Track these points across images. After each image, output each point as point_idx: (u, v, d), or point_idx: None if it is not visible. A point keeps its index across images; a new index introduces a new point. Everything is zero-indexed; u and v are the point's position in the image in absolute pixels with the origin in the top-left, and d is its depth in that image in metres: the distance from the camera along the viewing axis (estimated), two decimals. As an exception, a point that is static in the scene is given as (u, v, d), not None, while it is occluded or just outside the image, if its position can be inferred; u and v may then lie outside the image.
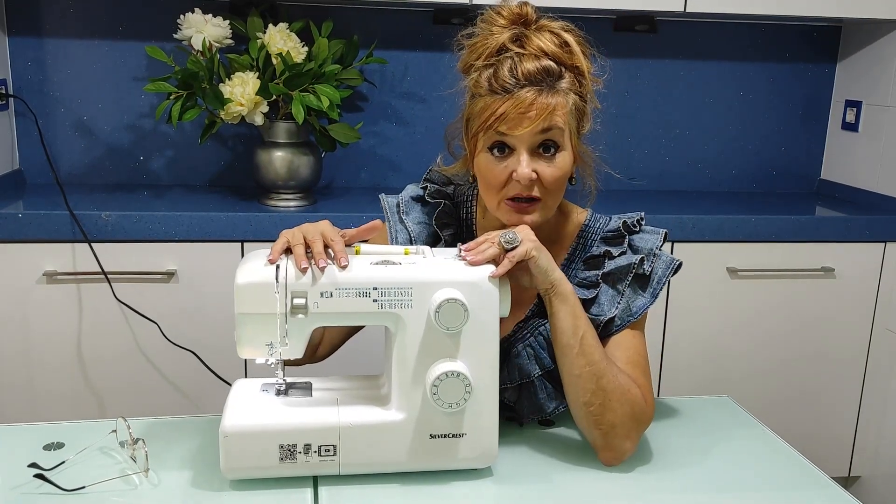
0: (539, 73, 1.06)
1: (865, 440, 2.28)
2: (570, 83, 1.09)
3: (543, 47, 1.07)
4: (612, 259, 1.15)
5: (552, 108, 1.06)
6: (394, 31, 2.28)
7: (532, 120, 1.05)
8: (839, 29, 2.46)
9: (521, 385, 1.16)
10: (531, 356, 1.15)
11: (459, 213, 1.24)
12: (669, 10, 2.09)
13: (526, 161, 1.07)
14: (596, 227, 1.20)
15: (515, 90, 1.05)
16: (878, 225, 2.16)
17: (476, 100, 1.10)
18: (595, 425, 1.06)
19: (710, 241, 2.09)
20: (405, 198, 1.24)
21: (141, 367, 1.94)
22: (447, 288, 0.99)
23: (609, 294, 1.14)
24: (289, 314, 0.98)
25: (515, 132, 1.06)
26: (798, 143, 2.53)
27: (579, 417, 1.08)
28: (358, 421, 1.00)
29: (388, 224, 1.23)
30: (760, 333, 2.17)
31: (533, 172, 1.07)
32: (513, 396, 1.17)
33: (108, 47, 2.19)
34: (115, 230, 1.86)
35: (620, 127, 2.42)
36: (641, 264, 1.14)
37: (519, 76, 1.06)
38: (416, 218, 1.22)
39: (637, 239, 1.17)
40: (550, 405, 1.15)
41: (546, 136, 1.07)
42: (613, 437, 1.06)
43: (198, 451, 1.07)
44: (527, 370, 1.14)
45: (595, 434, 1.07)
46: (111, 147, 2.25)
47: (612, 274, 1.15)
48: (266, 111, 1.96)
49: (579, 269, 1.18)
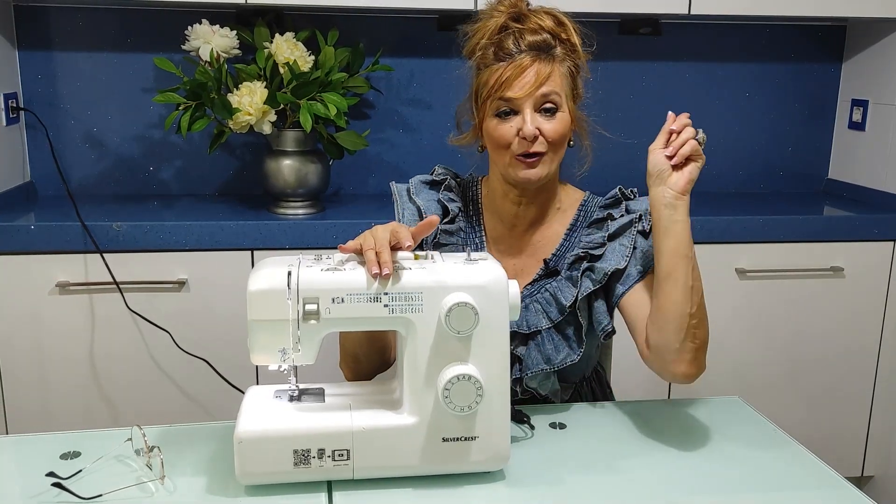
0: (538, 43, 1.19)
1: (878, 439, 2.27)
2: (564, 53, 1.22)
3: (542, 24, 1.21)
4: (615, 220, 1.26)
5: (550, 72, 1.19)
6: (399, 39, 2.29)
7: (532, 83, 1.18)
8: (844, 28, 2.46)
9: (529, 336, 1.24)
10: (539, 311, 1.25)
11: (466, 194, 1.34)
12: (674, 12, 2.09)
13: (530, 118, 1.19)
14: (595, 201, 1.34)
15: (517, 57, 1.18)
16: (886, 224, 2.16)
17: (482, 71, 1.22)
18: (692, 338, 1.13)
19: (719, 243, 2.09)
20: (415, 182, 1.35)
21: (154, 376, 1.95)
22: (457, 292, 0.99)
23: (616, 250, 1.24)
24: (301, 320, 0.99)
25: (518, 94, 1.18)
26: (805, 143, 2.53)
27: (679, 328, 1.13)
28: (371, 425, 1.01)
29: (395, 206, 1.32)
30: (770, 334, 2.17)
31: (536, 129, 1.18)
32: (520, 346, 1.24)
33: (117, 59, 2.21)
34: (126, 240, 1.88)
35: (627, 130, 2.41)
36: (640, 220, 1.26)
37: (522, 46, 1.19)
38: (425, 196, 1.32)
39: (632, 203, 1.29)
40: (557, 356, 1.23)
41: (546, 99, 1.19)
42: (701, 352, 1.15)
43: (212, 458, 1.08)
44: (535, 322, 1.25)
45: (688, 346, 1.14)
46: (121, 158, 2.27)
47: (617, 233, 1.26)
48: (274, 120, 1.97)
49: (583, 233, 1.29)
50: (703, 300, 1.16)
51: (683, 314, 1.13)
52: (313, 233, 1.95)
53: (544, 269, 1.27)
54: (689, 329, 1.13)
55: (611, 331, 1.24)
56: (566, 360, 1.23)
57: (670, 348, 1.14)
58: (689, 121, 1.16)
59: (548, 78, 1.18)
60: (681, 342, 1.14)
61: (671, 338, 1.14)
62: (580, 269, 1.23)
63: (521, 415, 1.19)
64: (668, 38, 2.39)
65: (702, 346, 1.15)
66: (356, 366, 1.25)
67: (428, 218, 1.07)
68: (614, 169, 2.05)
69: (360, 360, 1.25)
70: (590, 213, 1.31)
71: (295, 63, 1.95)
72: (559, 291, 1.24)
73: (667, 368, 1.16)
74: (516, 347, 1.24)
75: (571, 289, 1.23)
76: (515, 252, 1.31)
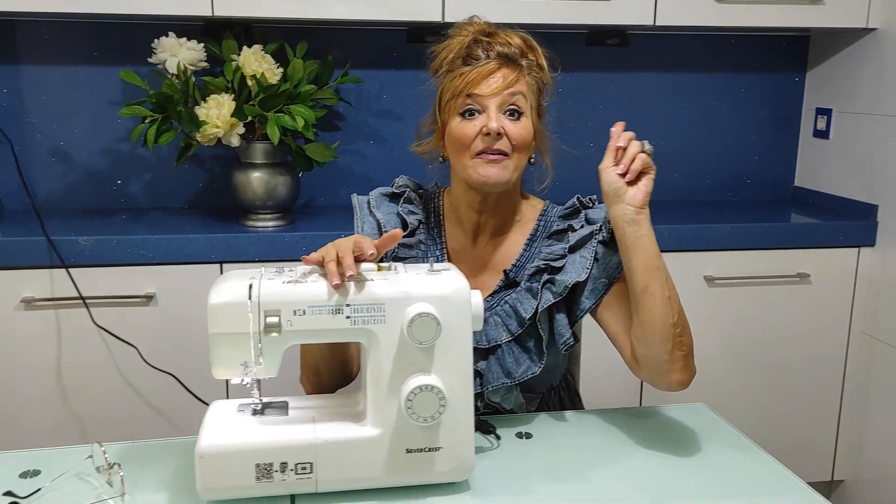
0: (506, 53, 1.20)
1: (847, 444, 2.30)
2: (530, 67, 1.22)
3: (510, 41, 1.22)
4: (575, 231, 1.26)
5: (517, 79, 1.19)
6: (369, 51, 2.30)
7: (499, 84, 1.18)
8: (808, 38, 2.50)
9: (489, 350, 1.23)
10: (499, 324, 1.25)
11: (428, 206, 1.33)
12: (639, 23, 2.12)
13: (495, 115, 1.18)
14: (553, 211, 1.33)
15: (484, 62, 1.19)
16: (851, 230, 2.19)
17: (449, 74, 1.22)
18: (679, 346, 1.14)
19: (688, 251, 2.11)
20: (375, 195, 1.34)
21: (121, 392, 1.93)
22: (419, 302, 0.99)
23: (577, 262, 1.24)
24: (262, 333, 0.98)
25: (484, 92, 1.18)
26: (771, 152, 2.56)
27: (665, 340, 1.13)
28: (334, 438, 1.00)
29: (355, 219, 1.31)
30: (739, 341, 2.19)
31: (501, 127, 1.17)
32: (480, 360, 1.23)
33: (84, 73, 2.19)
34: (92, 255, 1.86)
35: (596, 140, 2.44)
36: (601, 231, 1.25)
37: (490, 54, 1.20)
38: (385, 210, 1.31)
39: (591, 212, 1.28)
40: (518, 370, 1.23)
41: (511, 101, 1.19)
42: (690, 358, 1.16)
43: (175, 474, 1.07)
44: (495, 336, 1.24)
45: (677, 355, 1.14)
46: (88, 172, 2.25)
47: (578, 245, 1.25)
48: (242, 132, 1.97)
49: (543, 245, 1.29)
50: (682, 307, 1.16)
51: (667, 325, 1.13)
52: (283, 245, 1.94)
53: (504, 280, 1.27)
54: (675, 338, 1.14)
55: (572, 343, 1.24)
56: (527, 373, 1.22)
57: (661, 360, 1.15)
58: (633, 134, 1.16)
59: (514, 82, 1.19)
60: (669, 353, 1.14)
61: (659, 351, 1.14)
62: (540, 282, 1.23)
63: (486, 425, 1.19)
64: (635, 48, 2.41)
65: (689, 352, 1.16)
66: (317, 380, 1.24)
67: (391, 231, 1.07)
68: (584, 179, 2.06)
69: (321, 374, 1.24)
70: (549, 224, 1.31)
71: (263, 75, 1.95)
72: (519, 303, 1.24)
73: (661, 380, 1.17)
74: (476, 362, 1.23)
75: (531, 301, 1.23)
76: (476, 265, 1.30)
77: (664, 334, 1.13)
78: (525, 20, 1.98)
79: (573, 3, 2.06)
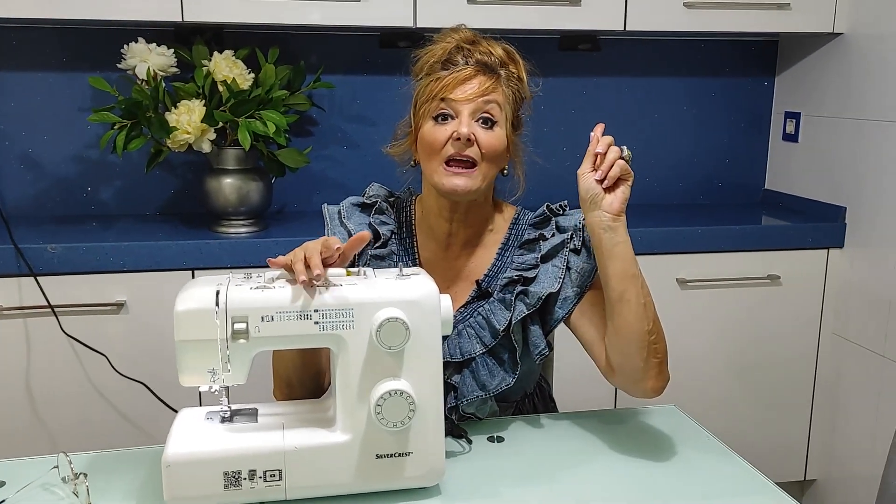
0: (486, 61, 1.20)
1: (819, 443, 2.32)
2: (508, 78, 1.21)
3: (492, 50, 1.21)
4: (546, 241, 1.25)
5: (493, 87, 1.19)
6: (341, 56, 2.29)
7: (474, 91, 1.17)
8: (776, 43, 2.53)
9: (462, 363, 1.22)
10: (472, 336, 1.23)
11: (400, 216, 1.32)
12: (610, 28, 2.13)
13: (466, 122, 1.17)
14: (525, 218, 1.31)
15: (462, 67, 1.19)
16: (820, 232, 2.22)
17: (426, 77, 1.21)
18: (654, 353, 1.14)
19: (660, 254, 2.13)
20: (346, 205, 1.32)
21: (92, 401, 1.91)
22: (388, 307, 0.99)
23: (549, 272, 1.23)
24: (230, 339, 0.98)
25: (458, 97, 1.17)
26: (742, 155, 2.59)
27: (640, 348, 1.13)
28: (303, 444, 1.00)
29: (326, 230, 1.30)
30: (711, 342, 2.21)
31: (472, 134, 1.16)
32: (454, 374, 1.22)
33: (53, 79, 2.17)
34: (61, 263, 1.84)
35: (570, 144, 2.45)
36: (572, 239, 1.25)
37: (469, 60, 1.19)
38: (357, 220, 1.29)
39: (562, 219, 1.27)
40: (493, 382, 1.21)
41: (485, 109, 1.18)
42: (664, 364, 1.16)
43: (142, 483, 1.06)
44: (468, 348, 1.22)
45: (652, 363, 1.14)
46: (58, 179, 2.22)
47: (549, 254, 1.24)
48: (213, 138, 1.95)
49: (515, 254, 1.27)
50: (657, 314, 1.15)
51: (642, 332, 1.13)
52: (255, 251, 1.93)
53: (476, 290, 1.26)
54: (650, 346, 1.13)
55: (546, 354, 1.23)
56: (501, 384, 1.21)
57: (635, 368, 1.14)
58: (611, 139, 1.14)
59: (490, 90, 1.18)
60: (644, 360, 1.14)
61: (634, 358, 1.14)
62: (514, 293, 1.22)
63: (458, 429, 1.19)
64: (606, 53, 2.43)
65: (664, 359, 1.16)
66: (289, 392, 1.23)
67: (359, 233, 1.06)
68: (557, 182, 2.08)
69: (293, 386, 1.22)
70: (521, 232, 1.29)
71: (234, 81, 1.94)
72: (492, 315, 1.22)
73: (635, 387, 1.17)
74: (450, 376, 1.22)
75: (505, 312, 1.21)
76: (449, 275, 1.28)
77: (639, 342, 1.13)
78: (498, 25, 1.99)
79: (544, 9, 2.07)
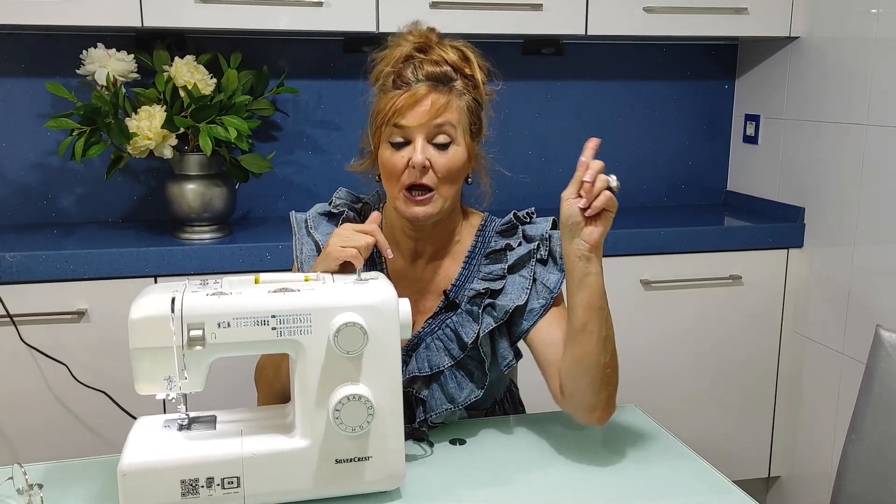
0: (437, 74, 1.17)
1: (782, 441, 2.36)
2: (464, 87, 1.20)
3: (445, 57, 1.19)
4: (513, 251, 1.24)
5: (446, 104, 1.17)
6: (305, 61, 2.29)
7: (426, 112, 1.16)
8: (736, 47, 2.57)
9: (431, 376, 1.22)
10: (440, 348, 1.22)
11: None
12: (571, 32, 2.15)
13: (420, 148, 1.16)
14: (492, 225, 1.30)
15: (414, 86, 1.16)
16: (780, 232, 2.25)
17: (380, 97, 1.20)
18: (606, 385, 1.14)
19: (624, 255, 2.15)
20: (313, 214, 1.31)
21: (52, 411, 1.88)
22: (346, 312, 0.99)
23: (517, 283, 1.22)
24: (186, 346, 0.97)
25: (411, 123, 1.16)
26: (704, 157, 2.63)
27: (594, 379, 1.13)
28: (262, 450, 0.99)
29: (294, 240, 1.29)
30: (674, 342, 2.23)
31: (426, 160, 1.16)
32: (423, 388, 1.22)
33: (11, 85, 2.14)
34: (20, 271, 1.81)
35: (535, 147, 2.47)
36: (538, 250, 1.24)
37: (419, 75, 1.17)
38: (324, 230, 1.28)
39: (529, 228, 1.26)
40: (461, 394, 1.21)
41: (439, 131, 1.17)
42: (613, 397, 1.16)
43: (99, 493, 1.05)
44: (437, 362, 1.22)
45: (603, 395, 1.14)
46: (18, 186, 2.19)
47: (516, 265, 1.23)
48: (175, 144, 1.94)
49: (482, 263, 1.26)
50: (615, 347, 1.15)
51: (599, 365, 1.12)
52: (219, 257, 1.92)
53: (444, 300, 1.25)
54: (605, 378, 1.13)
55: (514, 364, 1.24)
56: (470, 396, 1.21)
57: (586, 397, 1.14)
58: (601, 166, 1.07)
59: (444, 109, 1.16)
60: (596, 392, 1.14)
61: (586, 389, 1.14)
62: (481, 305, 1.22)
63: (419, 433, 1.19)
64: (570, 57, 2.45)
65: (614, 391, 1.16)
66: (269, 389, 1.24)
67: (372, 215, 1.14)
68: (522, 186, 2.09)
69: (272, 384, 1.24)
70: (487, 240, 1.28)
71: (195, 86, 1.93)
72: (460, 327, 1.22)
73: (583, 415, 1.17)
74: (419, 390, 1.22)
75: (473, 324, 1.21)
76: (416, 287, 1.27)
77: (595, 373, 1.13)
78: (460, 30, 2.00)
79: (507, 13, 2.08)
